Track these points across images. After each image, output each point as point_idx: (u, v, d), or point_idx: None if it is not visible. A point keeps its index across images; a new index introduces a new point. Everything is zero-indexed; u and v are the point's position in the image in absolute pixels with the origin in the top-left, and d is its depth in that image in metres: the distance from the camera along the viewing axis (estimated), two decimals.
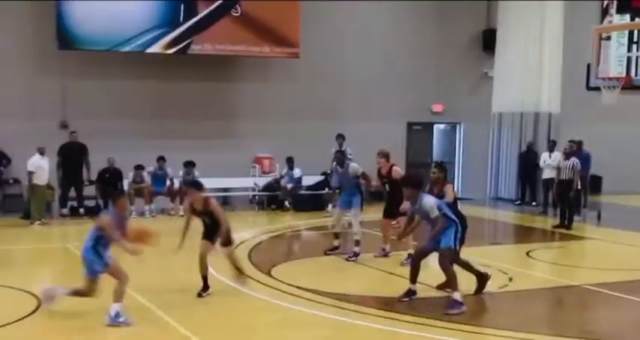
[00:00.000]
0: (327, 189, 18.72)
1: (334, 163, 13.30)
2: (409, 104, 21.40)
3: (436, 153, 22.68)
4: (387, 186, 12.29)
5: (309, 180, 19.36)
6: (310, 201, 18.97)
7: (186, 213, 10.07)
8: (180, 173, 17.68)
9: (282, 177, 19.15)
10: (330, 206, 18.08)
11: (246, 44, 18.96)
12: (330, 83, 20.45)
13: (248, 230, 15.16)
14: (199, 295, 9.68)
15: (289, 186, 18.96)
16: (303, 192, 19.25)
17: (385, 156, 12.31)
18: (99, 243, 8.43)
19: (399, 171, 12.30)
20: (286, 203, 18.88)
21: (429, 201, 9.52)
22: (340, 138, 17.77)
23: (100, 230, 8.43)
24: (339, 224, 13.01)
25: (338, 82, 20.56)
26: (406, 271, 10.51)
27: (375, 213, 13.78)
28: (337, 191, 14.35)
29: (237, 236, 13.68)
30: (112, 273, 8.48)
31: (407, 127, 21.79)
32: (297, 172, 19.11)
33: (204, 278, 9.77)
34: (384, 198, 12.60)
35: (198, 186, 10.07)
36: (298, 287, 10.29)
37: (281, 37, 19.24)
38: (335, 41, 20.50)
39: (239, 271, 10.34)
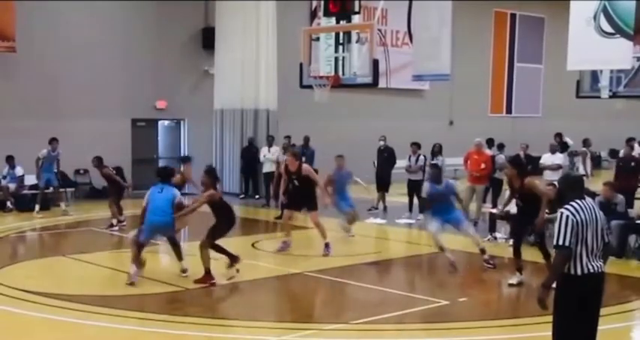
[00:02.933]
0: (51, 189, 18.34)
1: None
2: (133, 101, 21.45)
3: (162, 150, 22.96)
4: (296, 182, 13.25)
5: (32, 179, 18.84)
6: (34, 201, 18.49)
7: None
8: None
9: (3, 177, 18.45)
10: (62, 205, 17.88)
11: None
12: (51, 80, 19.96)
13: None
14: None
15: (11, 185, 18.35)
16: (26, 191, 18.73)
17: (294, 155, 13.47)
18: None
19: (309, 168, 13.47)
20: (8, 203, 18.24)
21: None
22: (54, 142, 17.63)
23: None
24: None
25: (60, 79, 20.11)
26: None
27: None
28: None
29: None
30: None
31: (131, 124, 21.82)
32: (18, 171, 18.52)
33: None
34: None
35: None
36: (24, 291, 10.20)
37: None
38: (55, 37, 20.04)
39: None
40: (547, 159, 17.99)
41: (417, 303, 10.08)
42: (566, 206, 6.23)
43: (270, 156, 19.40)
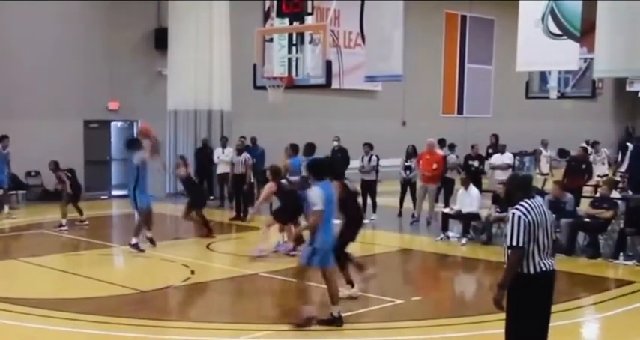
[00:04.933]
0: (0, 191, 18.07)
1: None
2: (85, 102, 21.22)
3: (114, 151, 22.75)
4: None
5: None
6: None
7: None
8: None
9: None
10: (6, 208, 17.60)
11: None
12: (2, 81, 19.66)
13: None
14: None
15: None
16: None
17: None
18: None
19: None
20: None
21: None
22: (6, 139, 17.37)
23: None
24: None
25: (11, 80, 19.81)
26: (88, 270, 10.87)
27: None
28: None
29: None
30: None
31: (84, 125, 21.58)
32: None
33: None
34: None
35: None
36: None
37: None
38: (5, 38, 19.74)
39: None
40: (497, 159, 18.28)
41: (372, 302, 10.17)
42: (517, 206, 6.32)
43: (224, 157, 19.35)
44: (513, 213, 6.28)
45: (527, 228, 6.21)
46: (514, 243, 6.20)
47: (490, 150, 20.02)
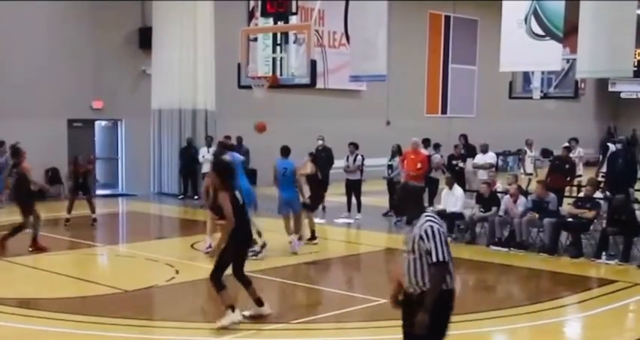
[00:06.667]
0: None
1: None
2: (68, 101, 21.11)
3: (99, 150, 22.69)
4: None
5: None
6: None
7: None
8: None
9: None
10: None
11: None
12: None
13: None
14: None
15: None
16: None
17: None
18: None
19: None
20: None
21: None
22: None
23: None
24: None
25: None
26: (72, 270, 10.82)
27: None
28: None
29: None
30: None
31: (67, 124, 21.48)
32: None
33: None
34: None
35: None
36: None
37: None
38: None
39: None
40: (479, 158, 18.35)
41: (356, 302, 10.20)
42: (430, 219, 5.94)
43: (209, 157, 19.31)
44: (432, 226, 5.85)
45: (445, 240, 5.91)
46: (440, 259, 5.80)
47: (462, 151, 20.03)
